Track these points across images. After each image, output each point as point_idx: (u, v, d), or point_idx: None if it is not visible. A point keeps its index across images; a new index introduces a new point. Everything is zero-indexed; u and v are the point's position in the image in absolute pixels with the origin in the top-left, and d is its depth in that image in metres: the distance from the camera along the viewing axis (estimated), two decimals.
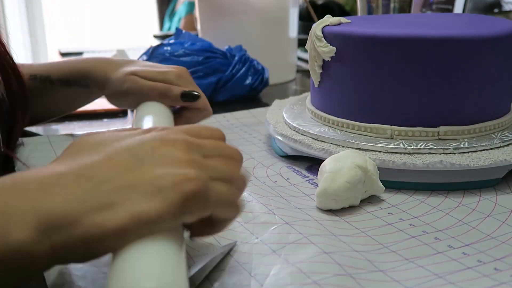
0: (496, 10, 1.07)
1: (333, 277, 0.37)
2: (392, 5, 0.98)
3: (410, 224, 0.46)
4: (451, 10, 1.06)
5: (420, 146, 0.53)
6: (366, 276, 0.38)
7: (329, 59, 0.59)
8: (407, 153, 0.53)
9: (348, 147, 0.55)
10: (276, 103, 0.73)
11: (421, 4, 1.11)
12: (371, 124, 0.56)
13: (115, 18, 3.27)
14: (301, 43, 1.18)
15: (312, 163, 0.60)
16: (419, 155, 0.52)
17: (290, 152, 0.61)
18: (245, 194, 0.51)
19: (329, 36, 0.59)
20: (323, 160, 0.51)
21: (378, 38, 0.54)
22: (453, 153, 0.53)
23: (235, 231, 0.45)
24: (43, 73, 0.65)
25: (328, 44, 0.58)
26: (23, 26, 3.05)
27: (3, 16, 2.77)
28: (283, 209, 0.48)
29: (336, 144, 0.56)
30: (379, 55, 0.55)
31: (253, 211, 0.48)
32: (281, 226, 0.45)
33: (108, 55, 1.21)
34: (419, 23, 0.61)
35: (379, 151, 0.54)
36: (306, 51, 0.64)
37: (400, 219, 0.47)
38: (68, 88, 0.65)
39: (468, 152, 0.53)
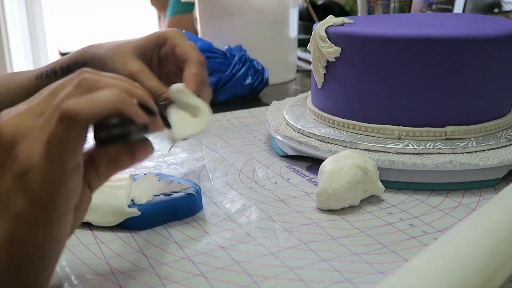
0: (496, 10, 1.07)
1: (332, 285, 0.37)
2: (392, 5, 0.98)
3: (410, 224, 0.46)
4: (451, 10, 1.06)
5: (429, 146, 0.53)
6: (365, 279, 0.38)
7: (334, 60, 0.59)
8: (416, 154, 0.53)
9: (356, 148, 0.55)
10: (275, 104, 0.73)
11: (420, 5, 1.11)
12: (378, 125, 0.56)
13: (115, 18, 3.27)
14: (301, 43, 1.18)
15: (312, 163, 0.60)
16: (428, 155, 0.52)
17: (290, 152, 0.61)
18: (245, 201, 0.51)
19: (333, 36, 0.58)
20: (324, 160, 0.51)
21: (384, 38, 0.54)
22: (461, 153, 0.53)
23: (233, 231, 0.45)
24: (50, 67, 0.62)
25: (333, 45, 0.58)
26: (23, 26, 3.05)
27: (3, 16, 2.77)
28: (283, 215, 0.48)
29: (343, 146, 0.56)
30: (385, 55, 0.55)
31: (252, 217, 0.48)
32: (280, 233, 0.45)
33: None
34: (422, 23, 0.61)
35: (388, 152, 0.54)
36: (306, 51, 0.64)
37: (400, 219, 0.47)
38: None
39: (476, 151, 0.53)
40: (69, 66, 0.61)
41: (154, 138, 0.71)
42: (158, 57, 0.57)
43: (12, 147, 0.31)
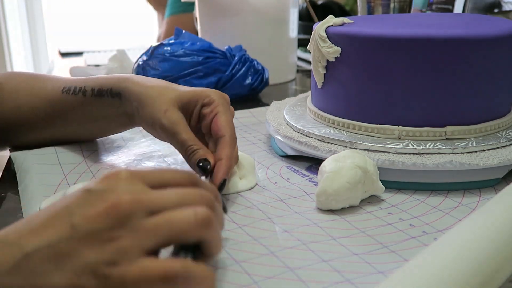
0: (496, 10, 1.07)
1: (332, 285, 0.37)
2: (392, 5, 0.98)
3: (410, 225, 0.46)
4: (451, 10, 1.06)
5: (429, 146, 0.53)
6: (365, 279, 0.38)
7: (334, 60, 0.59)
8: (416, 154, 0.53)
9: (356, 148, 0.55)
10: (275, 104, 0.73)
11: (420, 5, 1.11)
12: (378, 125, 0.56)
13: (115, 18, 3.27)
14: (301, 43, 1.18)
15: (312, 163, 0.60)
16: (428, 155, 0.52)
17: (290, 152, 0.61)
18: (245, 201, 0.51)
19: (333, 36, 0.58)
20: (324, 160, 0.51)
21: (384, 38, 0.54)
22: (461, 153, 0.53)
23: (233, 232, 0.45)
24: (79, 85, 0.61)
25: (333, 45, 0.58)
26: (23, 26, 3.06)
27: (3, 16, 2.77)
28: (283, 217, 0.48)
29: (343, 146, 0.56)
30: (385, 55, 0.55)
31: (252, 217, 0.48)
32: (280, 233, 0.45)
33: (108, 55, 1.21)
34: (422, 23, 0.61)
35: (388, 152, 0.54)
36: (306, 51, 0.64)
37: (400, 219, 0.47)
38: (99, 99, 0.59)
39: (476, 151, 0.53)
40: (101, 90, 0.59)
41: (153, 138, 0.71)
42: (199, 114, 0.55)
43: (117, 228, 0.32)
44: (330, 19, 0.60)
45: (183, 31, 0.93)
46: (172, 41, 0.91)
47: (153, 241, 0.33)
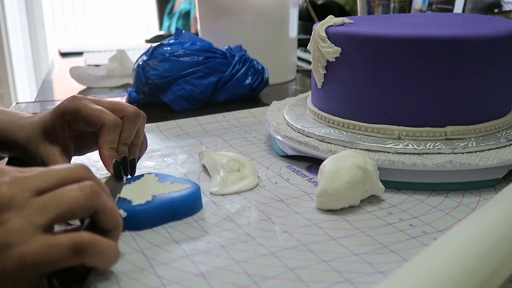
0: (496, 10, 1.07)
1: (332, 285, 0.37)
2: (392, 5, 0.98)
3: (410, 225, 0.46)
4: (451, 10, 1.06)
5: (429, 146, 0.53)
6: (365, 279, 0.38)
7: (333, 60, 0.59)
8: (416, 154, 0.53)
9: (356, 148, 0.55)
10: (275, 104, 0.73)
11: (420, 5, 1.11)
12: (378, 125, 0.56)
13: (115, 18, 3.27)
14: (301, 43, 1.18)
15: (312, 163, 0.60)
16: (428, 155, 0.52)
17: (290, 152, 0.61)
18: (245, 202, 0.51)
19: (333, 36, 0.58)
20: (324, 160, 0.51)
21: (384, 38, 0.54)
22: (461, 153, 0.53)
23: (233, 231, 0.45)
24: None
25: (333, 45, 0.58)
26: (23, 26, 3.05)
27: (3, 16, 2.77)
28: (282, 217, 0.48)
29: (343, 146, 0.56)
30: (385, 55, 0.55)
31: (252, 218, 0.48)
32: (280, 233, 0.45)
33: (108, 55, 1.21)
34: (422, 23, 0.61)
35: (388, 152, 0.54)
36: (306, 51, 0.64)
37: (400, 219, 0.47)
38: None
39: (476, 151, 0.53)
40: None
41: (153, 138, 0.71)
42: (76, 133, 0.55)
43: (1, 211, 0.33)
44: (330, 19, 0.60)
45: (183, 31, 0.93)
46: (172, 41, 0.91)
47: (43, 218, 0.33)
